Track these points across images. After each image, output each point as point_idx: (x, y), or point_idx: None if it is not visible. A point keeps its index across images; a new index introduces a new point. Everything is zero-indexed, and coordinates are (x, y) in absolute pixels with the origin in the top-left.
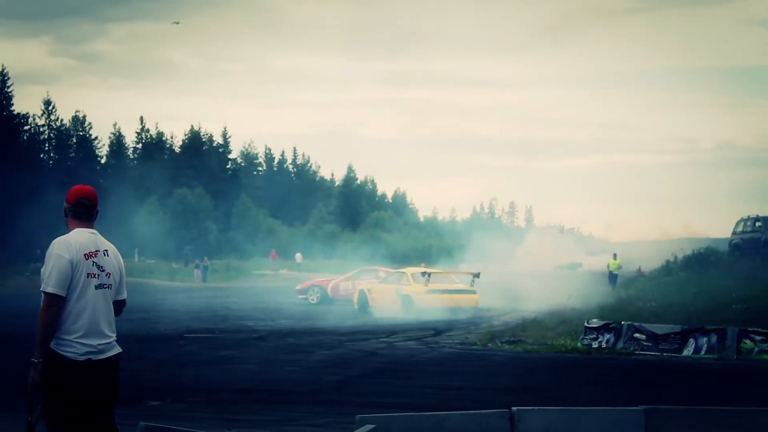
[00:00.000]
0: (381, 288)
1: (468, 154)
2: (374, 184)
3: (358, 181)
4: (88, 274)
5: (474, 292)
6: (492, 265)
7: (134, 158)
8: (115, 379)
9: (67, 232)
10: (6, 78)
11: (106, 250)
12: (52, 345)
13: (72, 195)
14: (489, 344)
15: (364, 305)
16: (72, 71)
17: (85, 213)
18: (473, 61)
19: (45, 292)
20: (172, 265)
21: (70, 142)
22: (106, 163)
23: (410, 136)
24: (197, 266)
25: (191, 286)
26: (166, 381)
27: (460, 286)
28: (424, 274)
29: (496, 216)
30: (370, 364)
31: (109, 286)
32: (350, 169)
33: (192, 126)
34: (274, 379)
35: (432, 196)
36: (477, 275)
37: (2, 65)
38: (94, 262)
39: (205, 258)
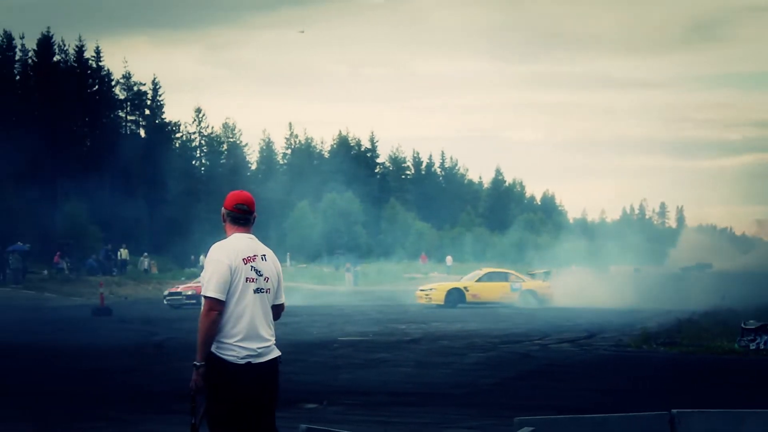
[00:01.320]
0: (480, 286)
1: (617, 154)
2: (522, 187)
3: (507, 184)
4: (246, 278)
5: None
6: (647, 266)
7: (284, 164)
8: (275, 382)
9: (225, 238)
10: (158, 86)
11: (264, 255)
12: (213, 348)
13: (230, 200)
14: (644, 346)
15: (454, 301)
16: (221, 79)
17: (242, 218)
18: (619, 60)
19: (205, 297)
20: (323, 269)
21: (220, 149)
22: (256, 169)
23: (557, 138)
24: (348, 270)
25: (343, 290)
26: (321, 384)
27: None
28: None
29: (647, 217)
30: (525, 366)
31: (268, 291)
32: (498, 172)
33: (340, 131)
34: (429, 382)
35: (581, 197)
36: (548, 272)
37: (154, 74)
38: (252, 266)
39: (348, 264)
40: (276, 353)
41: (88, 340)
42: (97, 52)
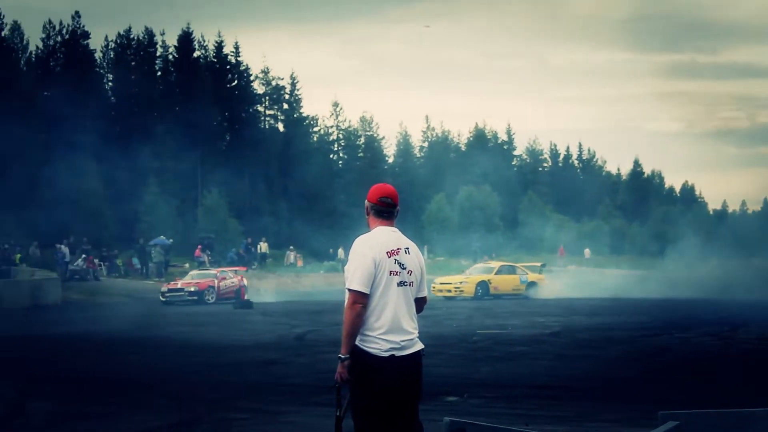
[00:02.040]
0: (499, 279)
1: (759, 144)
2: (661, 178)
3: (645, 175)
4: (390, 271)
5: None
6: None
7: (420, 157)
8: (418, 374)
9: (367, 230)
10: (296, 81)
11: (407, 248)
12: (357, 341)
13: (374, 193)
14: None
15: (483, 294)
16: (358, 72)
17: (386, 211)
18: (760, 48)
19: (349, 290)
20: (461, 261)
21: (358, 143)
22: (393, 162)
23: (697, 128)
24: (485, 262)
25: None
26: (461, 377)
27: None
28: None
29: None
30: (666, 359)
31: (411, 284)
32: (637, 163)
33: (476, 123)
34: (569, 375)
35: (721, 188)
36: (543, 265)
37: (292, 69)
38: (395, 259)
39: (485, 257)
40: (419, 346)
41: (229, 333)
42: (236, 47)
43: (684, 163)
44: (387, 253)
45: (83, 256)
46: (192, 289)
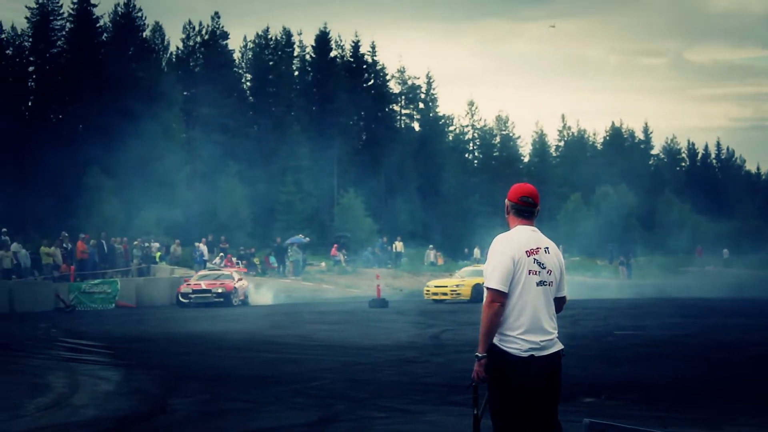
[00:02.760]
0: None
1: None
2: None
3: None
4: (529, 271)
5: None
6: None
7: (556, 156)
8: (557, 375)
9: (506, 229)
10: (431, 80)
11: (547, 248)
12: (495, 341)
13: (515, 193)
14: None
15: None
16: (493, 71)
17: (527, 211)
18: None
19: (488, 288)
20: (596, 261)
21: (493, 142)
22: (528, 161)
23: None
24: (621, 263)
25: (617, 283)
26: (598, 377)
27: None
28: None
29: None
30: None
31: (550, 283)
32: None
33: (613, 122)
34: (707, 377)
35: None
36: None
37: (428, 68)
38: (535, 259)
39: (621, 257)
40: (558, 346)
41: (365, 332)
42: (373, 47)
43: None
44: (526, 252)
45: (221, 254)
46: (219, 290)
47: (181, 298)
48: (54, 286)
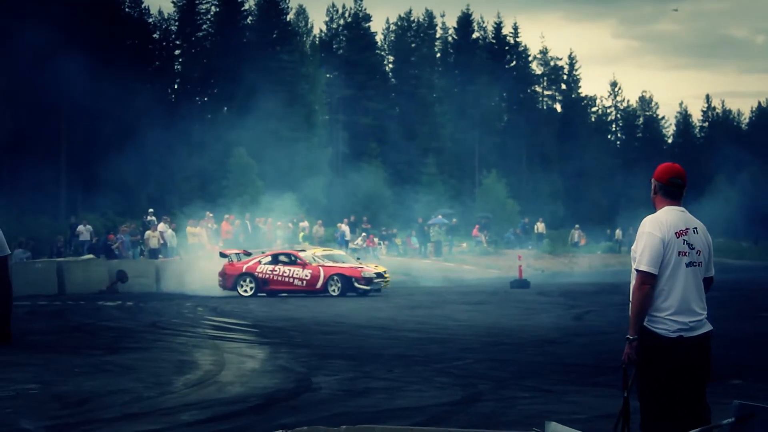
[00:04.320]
0: None
1: None
2: None
3: None
4: (678, 252)
5: None
6: None
7: (701, 137)
8: (707, 356)
9: (653, 210)
10: (574, 61)
11: (696, 228)
12: (645, 322)
13: (663, 173)
14: None
15: None
16: (636, 52)
17: (675, 191)
18: None
19: (638, 270)
20: (741, 243)
21: (636, 123)
22: (672, 142)
23: None
24: None
25: (763, 265)
26: (745, 359)
27: None
28: None
29: None
30: None
31: (699, 264)
32: None
33: (759, 102)
34: None
35: None
36: None
37: (570, 49)
38: (684, 240)
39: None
40: (708, 327)
41: (507, 313)
42: (515, 28)
43: None
44: (676, 233)
45: (363, 234)
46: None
47: (362, 286)
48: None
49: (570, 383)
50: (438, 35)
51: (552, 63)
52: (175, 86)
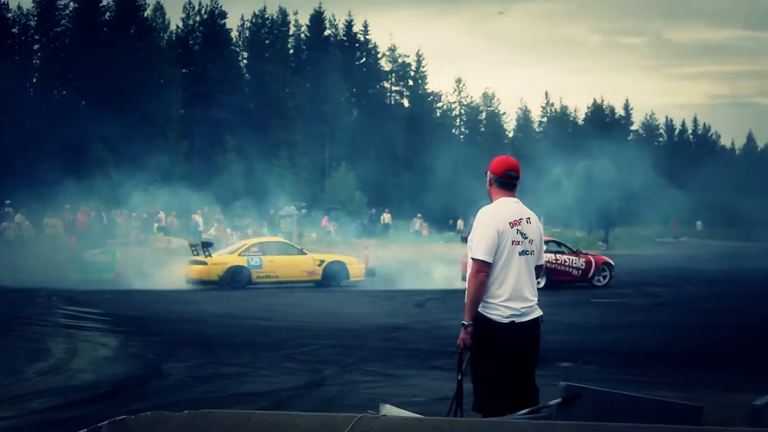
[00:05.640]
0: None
1: None
2: None
3: (759, 150)
4: (512, 241)
5: None
6: None
7: (539, 131)
8: (536, 340)
9: (488, 202)
10: (421, 58)
11: (529, 218)
12: (480, 308)
13: (498, 166)
14: None
15: None
16: (480, 49)
17: (510, 183)
18: None
19: (474, 259)
20: (576, 233)
21: (479, 118)
22: (513, 137)
23: None
24: (603, 240)
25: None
26: (576, 343)
27: None
28: None
29: None
30: None
31: (532, 252)
32: (750, 138)
33: (594, 99)
34: (681, 343)
35: None
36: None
37: (418, 46)
38: (518, 229)
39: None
40: (538, 313)
41: (353, 299)
42: (365, 26)
43: None
44: (510, 223)
45: (215, 225)
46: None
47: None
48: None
49: (411, 367)
50: (291, 32)
51: (400, 60)
52: (34, 80)
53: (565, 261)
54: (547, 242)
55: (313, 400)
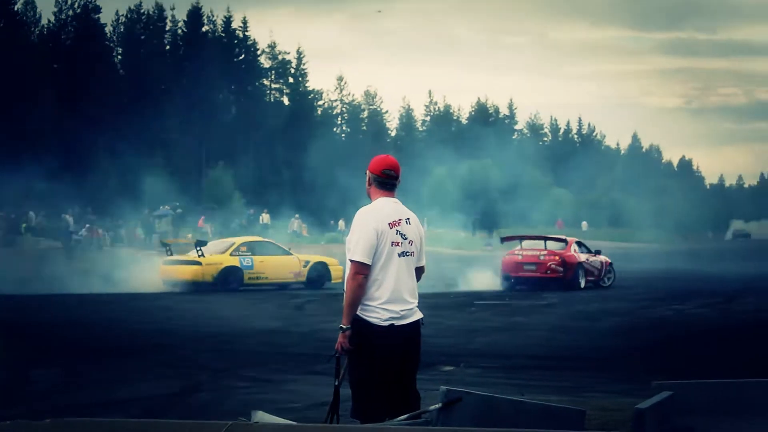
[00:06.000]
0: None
1: (756, 121)
2: (659, 152)
3: (643, 150)
4: (392, 242)
5: None
6: None
7: (423, 130)
8: (416, 344)
9: (369, 202)
10: (302, 55)
11: (408, 219)
12: (358, 311)
13: (377, 165)
14: None
15: None
16: (363, 47)
17: (389, 183)
18: (758, 27)
19: (352, 261)
20: (459, 233)
21: (361, 117)
22: (395, 135)
23: (695, 105)
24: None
25: (480, 255)
26: (459, 347)
27: None
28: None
29: None
30: (662, 331)
31: (412, 254)
32: (635, 138)
33: (479, 98)
34: (565, 346)
35: (718, 163)
36: None
37: (298, 43)
38: (397, 230)
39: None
40: (418, 315)
41: (230, 301)
42: (244, 22)
43: (682, 138)
44: (389, 224)
45: (87, 225)
46: None
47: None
48: None
49: (289, 372)
50: (168, 28)
51: (280, 57)
52: None
53: (593, 262)
54: (546, 239)
55: (186, 407)
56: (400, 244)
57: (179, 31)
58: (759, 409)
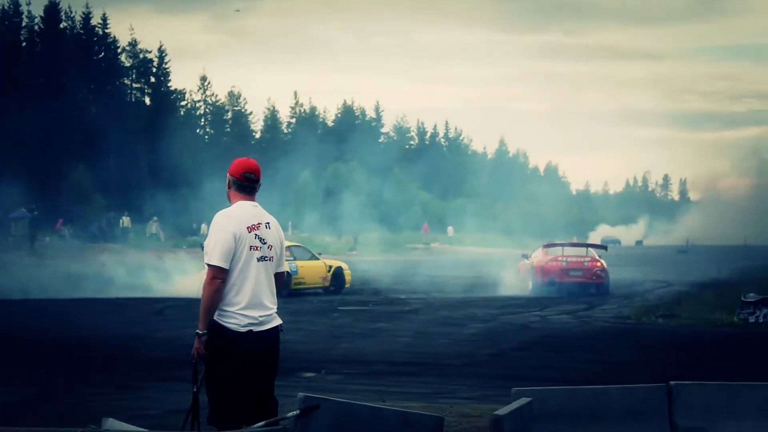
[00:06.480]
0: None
1: (622, 126)
2: (526, 158)
3: (510, 155)
4: (250, 246)
5: None
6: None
7: (288, 133)
8: (276, 350)
9: (229, 205)
10: (164, 54)
11: (268, 223)
12: (215, 316)
13: (237, 168)
14: (643, 318)
15: None
16: (227, 47)
17: (249, 186)
18: (626, 32)
19: (209, 265)
20: (325, 238)
21: (225, 118)
22: (260, 138)
23: (562, 109)
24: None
25: (345, 259)
26: (320, 353)
27: None
28: None
29: (650, 189)
30: (524, 337)
31: (271, 259)
32: (502, 143)
33: (345, 100)
34: (428, 352)
35: (585, 169)
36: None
37: (160, 42)
38: (256, 234)
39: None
40: (277, 321)
41: (89, 307)
42: (104, 19)
43: (549, 143)
44: (248, 228)
45: None
46: None
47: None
48: None
49: (146, 379)
50: (24, 24)
51: (141, 56)
52: None
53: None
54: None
55: (38, 415)
56: (259, 248)
57: (36, 27)
58: (615, 414)
